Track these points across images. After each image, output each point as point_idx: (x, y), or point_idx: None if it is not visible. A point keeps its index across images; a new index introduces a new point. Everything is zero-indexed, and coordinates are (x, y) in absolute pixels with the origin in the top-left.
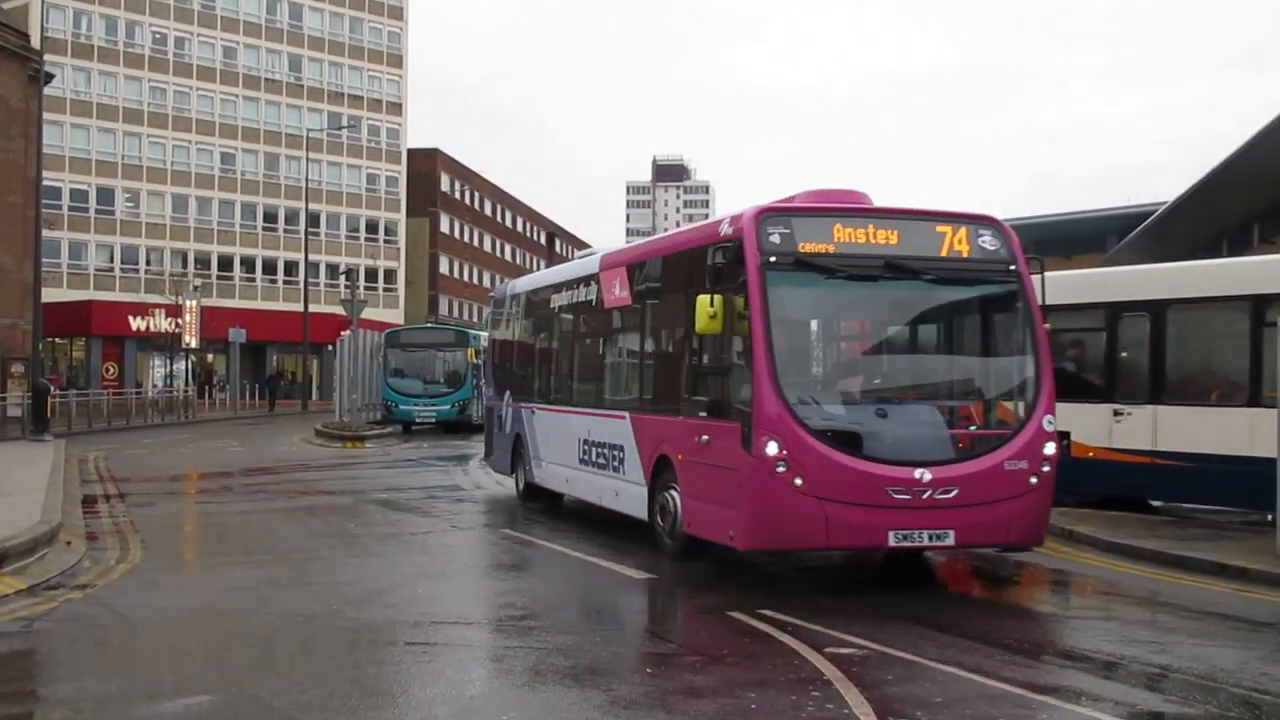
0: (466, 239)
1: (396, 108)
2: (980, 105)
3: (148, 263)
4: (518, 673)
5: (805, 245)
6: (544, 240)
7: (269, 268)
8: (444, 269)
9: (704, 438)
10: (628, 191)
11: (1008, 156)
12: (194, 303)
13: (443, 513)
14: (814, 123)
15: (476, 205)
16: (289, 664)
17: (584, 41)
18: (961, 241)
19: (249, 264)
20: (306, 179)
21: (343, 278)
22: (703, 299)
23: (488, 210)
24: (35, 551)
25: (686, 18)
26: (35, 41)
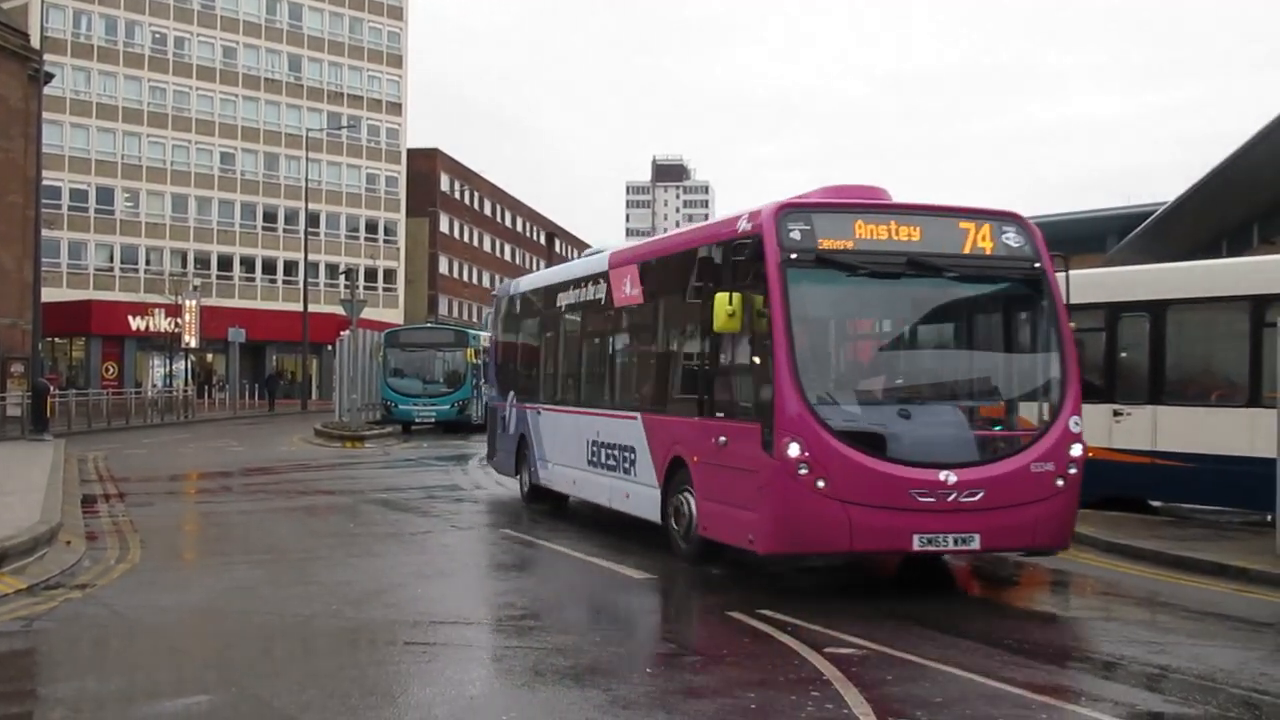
0: (466, 239)
1: (396, 108)
2: (980, 105)
3: (147, 262)
4: (517, 672)
5: (826, 242)
6: (543, 240)
7: (269, 267)
8: (443, 269)
9: (721, 439)
10: (627, 191)
11: (1007, 157)
12: (193, 302)
13: (442, 513)
14: (813, 123)
15: (476, 205)
16: (288, 663)
17: (583, 41)
18: (985, 238)
19: (249, 264)
20: (306, 179)
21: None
22: (721, 297)
23: (487, 210)
24: (35, 551)
25: (686, 17)
26: (35, 41)
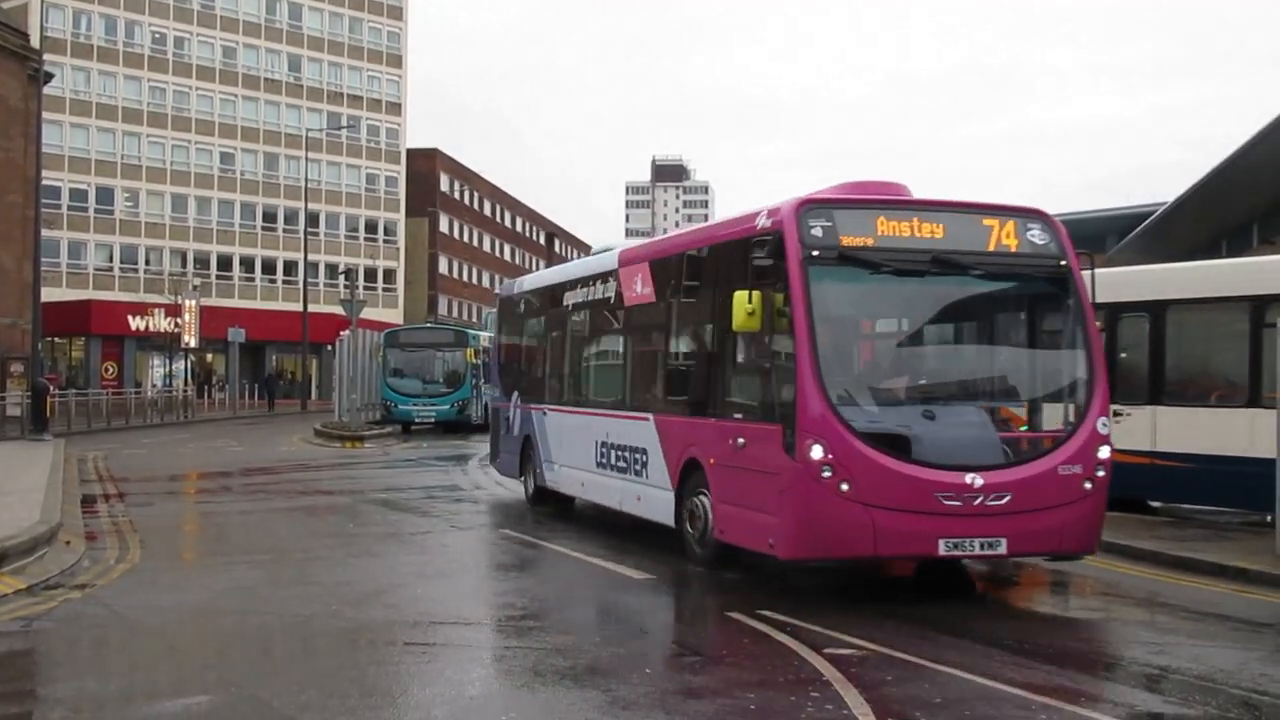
0: (466, 239)
1: (396, 108)
2: (980, 106)
3: (147, 262)
4: (517, 673)
5: (848, 239)
6: (543, 240)
7: (268, 267)
8: (443, 269)
9: (740, 441)
10: (627, 192)
11: (1007, 157)
12: (193, 302)
13: (442, 513)
14: (813, 123)
15: (476, 205)
16: (288, 664)
17: (583, 41)
18: (1009, 235)
19: (248, 264)
20: (306, 179)
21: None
22: (740, 295)
23: (487, 210)
24: (34, 551)
25: (686, 18)
26: (35, 41)
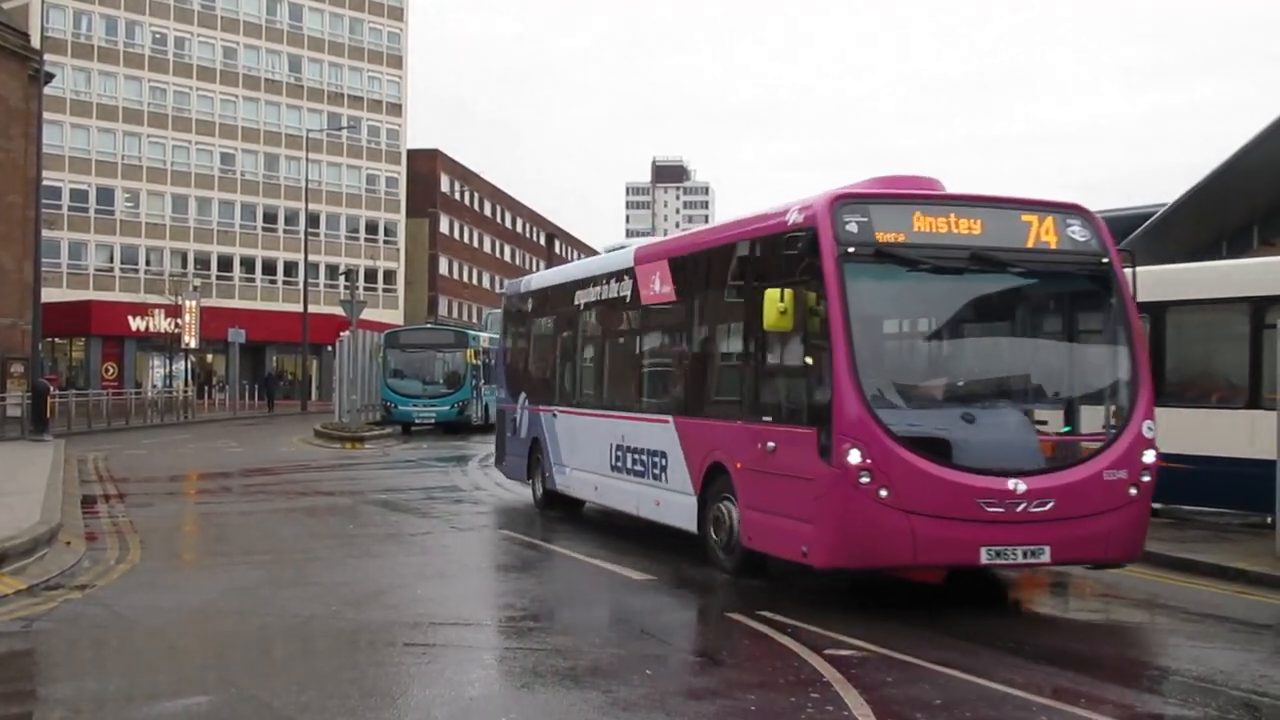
0: (466, 240)
1: (396, 108)
2: (980, 107)
3: (147, 263)
4: (517, 674)
5: (883, 235)
6: (543, 241)
7: (268, 268)
8: (443, 270)
9: (770, 444)
10: (627, 192)
11: (1008, 158)
12: (193, 303)
13: (442, 514)
14: (814, 124)
15: (476, 206)
16: (288, 665)
17: (583, 41)
18: (1049, 232)
19: (248, 264)
20: (306, 179)
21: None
22: (771, 294)
23: (487, 211)
24: (35, 552)
25: (687, 18)
26: (35, 41)
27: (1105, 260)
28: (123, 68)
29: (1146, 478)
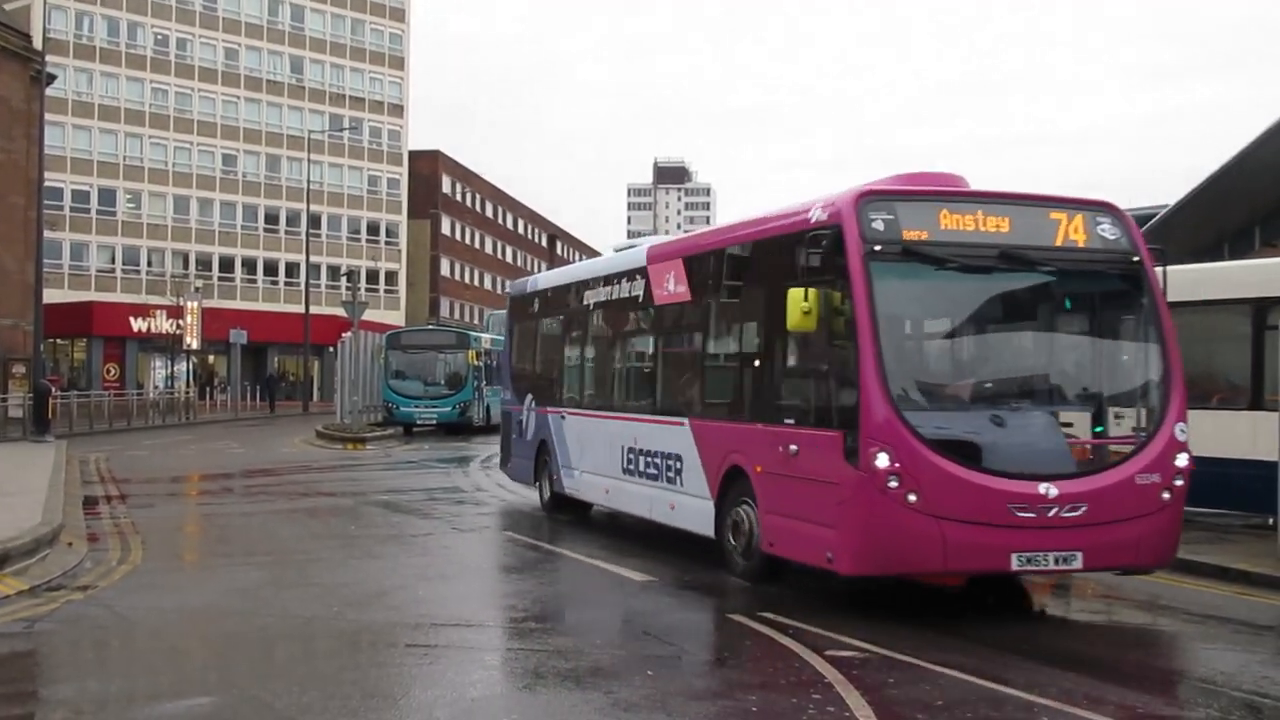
0: (467, 241)
1: (398, 109)
2: (981, 107)
3: (149, 264)
4: (518, 675)
5: (910, 232)
6: (545, 242)
7: (270, 269)
8: (445, 271)
9: (792, 448)
10: (628, 194)
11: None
12: (195, 304)
13: (444, 515)
14: (814, 124)
15: (477, 207)
16: (290, 665)
17: (584, 42)
18: (1078, 229)
19: (250, 265)
20: (308, 180)
21: (344, 279)
22: (795, 293)
23: (489, 212)
24: (37, 552)
25: (688, 18)
26: (37, 42)
27: (1136, 259)
28: (124, 69)
29: (1179, 482)
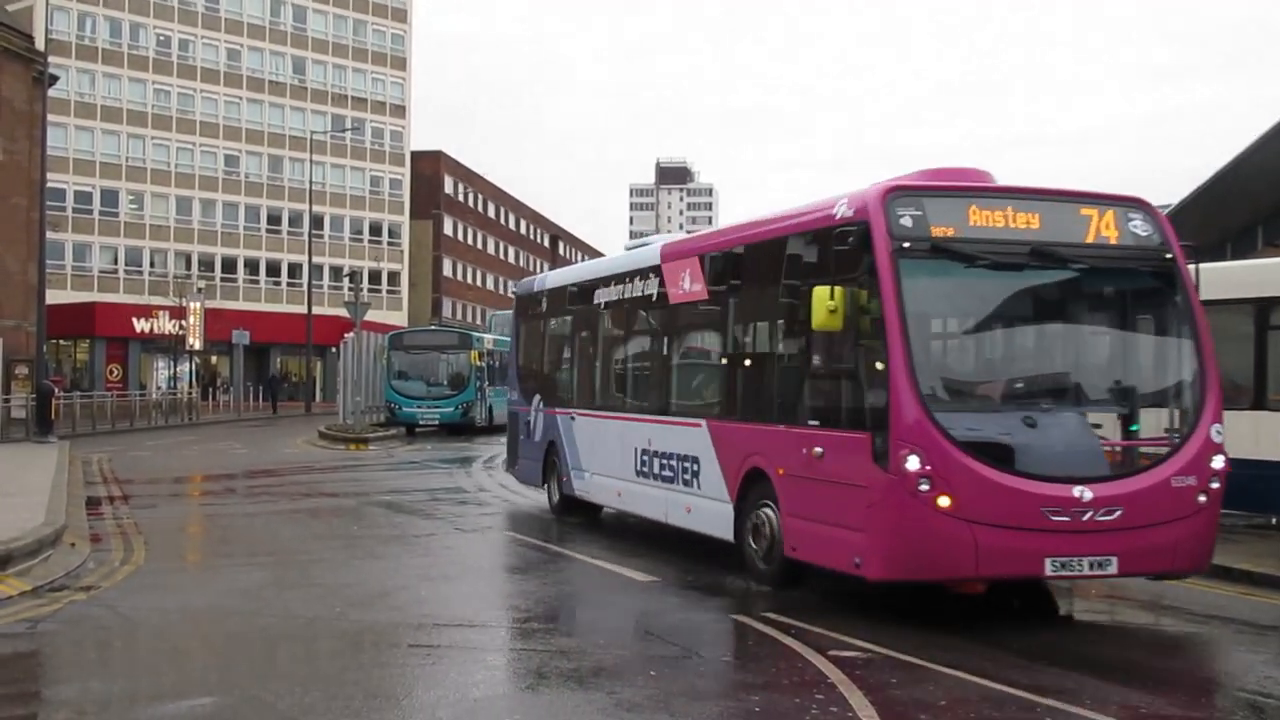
0: (470, 241)
1: (400, 110)
2: (981, 108)
3: (151, 265)
4: (521, 675)
5: (939, 229)
6: (547, 243)
7: (272, 270)
8: (447, 271)
9: (817, 450)
10: (630, 194)
11: (1009, 160)
12: (198, 305)
13: (446, 515)
14: (814, 125)
15: (480, 208)
16: (292, 666)
17: (586, 42)
18: (1109, 226)
19: (253, 266)
20: (310, 181)
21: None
22: (821, 291)
23: (491, 212)
24: (40, 553)
25: (689, 19)
26: (40, 43)
27: (1169, 256)
28: (127, 70)
29: (1215, 484)
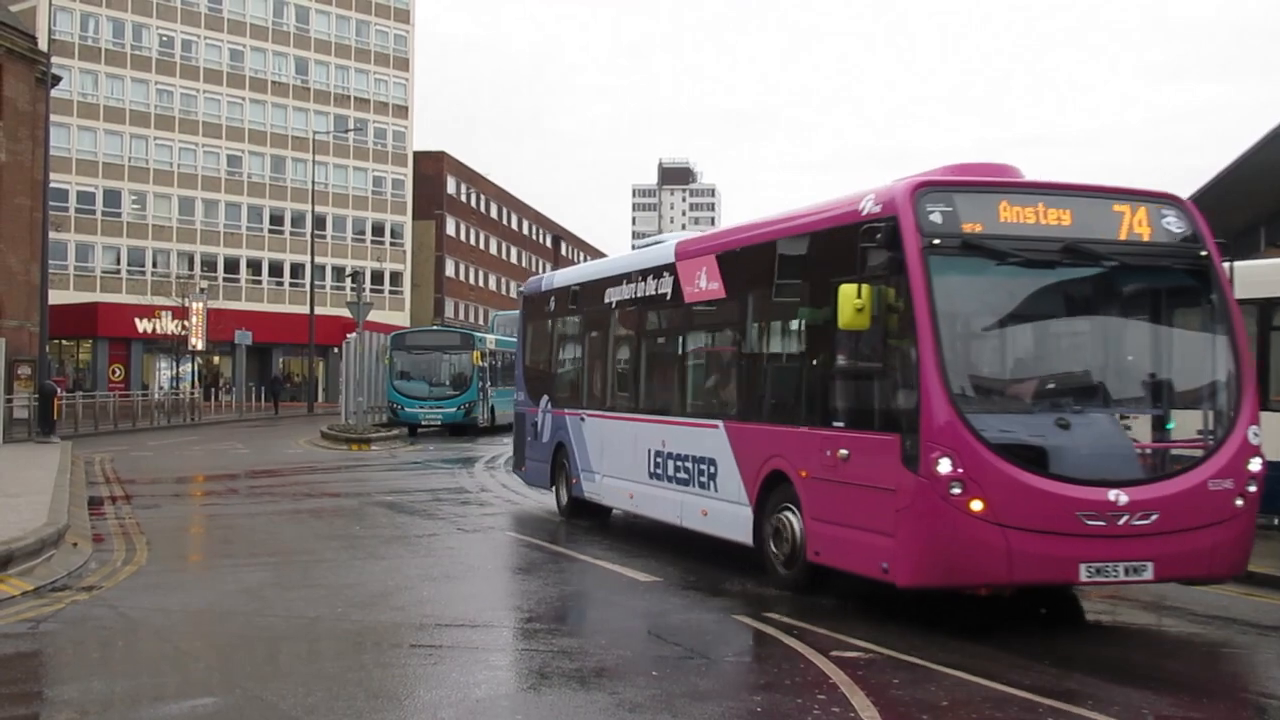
0: (472, 241)
1: (402, 110)
2: (982, 108)
3: (154, 265)
4: (523, 675)
5: (970, 225)
6: (549, 243)
7: (275, 270)
8: (449, 271)
9: (842, 452)
10: (633, 195)
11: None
12: (200, 305)
13: (448, 515)
14: (815, 125)
15: (482, 208)
16: (294, 666)
17: (588, 43)
18: (1142, 223)
19: (255, 266)
20: (313, 181)
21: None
22: (847, 289)
23: (493, 213)
24: (42, 553)
25: (690, 19)
26: (43, 44)
27: (1204, 253)
28: (130, 70)
29: (1253, 488)
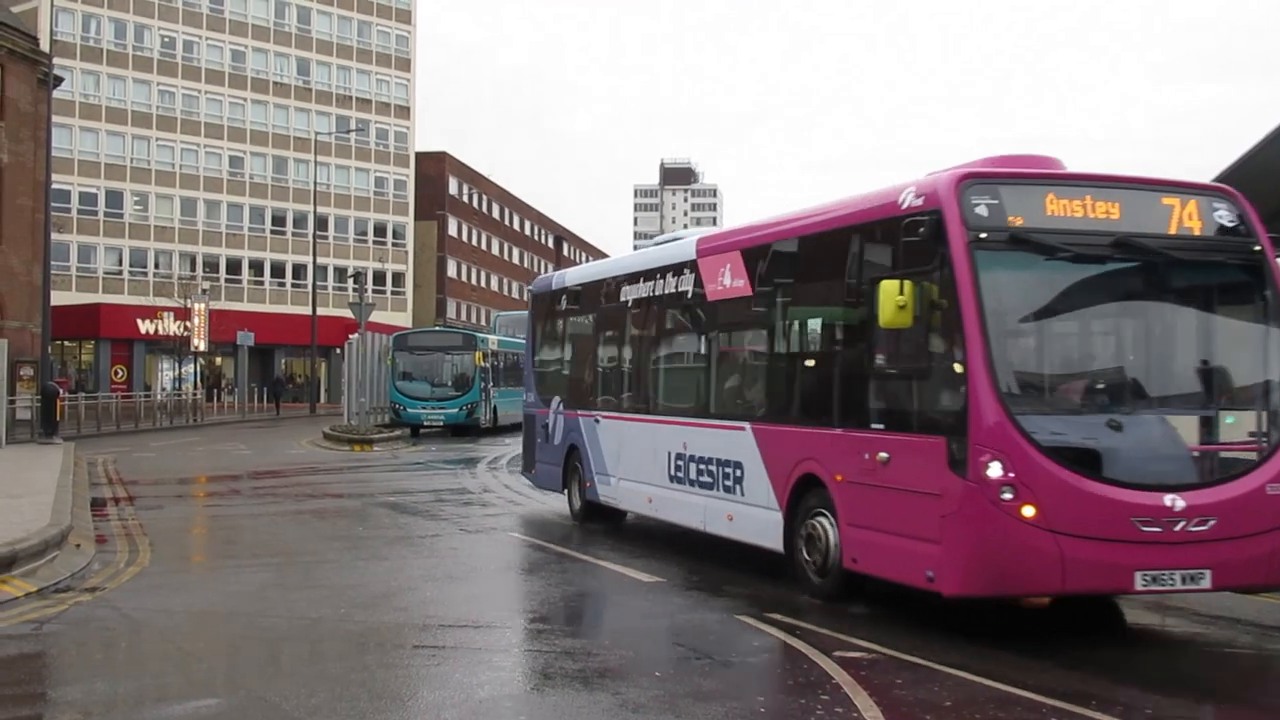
0: (474, 242)
1: (404, 111)
2: (982, 108)
3: (156, 266)
4: (527, 676)
5: (1016, 219)
6: (551, 243)
7: (277, 271)
8: (451, 272)
9: (881, 455)
10: (635, 195)
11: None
12: (202, 306)
13: (451, 516)
14: (815, 125)
15: (484, 208)
16: (297, 667)
17: (589, 43)
18: (1192, 216)
19: (257, 267)
20: (315, 182)
21: (351, 281)
22: (888, 286)
23: (495, 213)
24: (45, 554)
25: (691, 19)
26: (44, 45)
27: (1258, 248)
28: (131, 71)
29: None
